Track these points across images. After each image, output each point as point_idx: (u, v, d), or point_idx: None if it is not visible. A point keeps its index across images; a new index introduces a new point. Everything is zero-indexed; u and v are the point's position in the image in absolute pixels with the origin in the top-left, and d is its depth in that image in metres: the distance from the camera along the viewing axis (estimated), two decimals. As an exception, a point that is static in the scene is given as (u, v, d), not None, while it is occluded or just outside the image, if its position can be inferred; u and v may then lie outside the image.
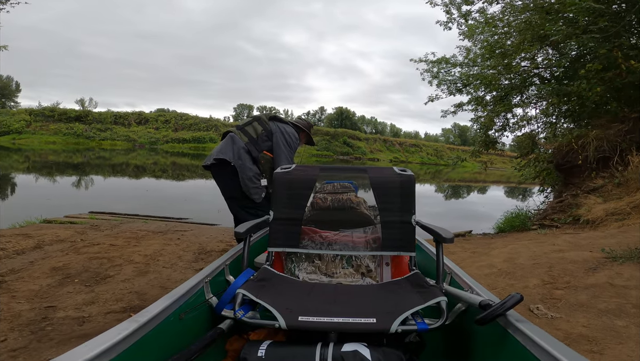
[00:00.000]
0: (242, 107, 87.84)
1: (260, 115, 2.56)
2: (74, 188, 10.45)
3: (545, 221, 5.01)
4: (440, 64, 8.99)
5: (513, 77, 7.59)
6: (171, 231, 4.54)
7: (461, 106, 8.68)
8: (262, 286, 1.29)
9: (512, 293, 1.00)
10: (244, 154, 2.36)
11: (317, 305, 1.17)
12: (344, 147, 46.11)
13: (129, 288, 2.58)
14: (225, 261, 1.46)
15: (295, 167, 1.70)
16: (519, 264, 3.13)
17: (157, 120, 39.79)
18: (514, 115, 7.30)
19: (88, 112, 38.10)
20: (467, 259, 3.63)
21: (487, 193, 20.90)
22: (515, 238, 4.70)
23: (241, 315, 1.14)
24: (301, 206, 1.55)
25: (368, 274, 1.54)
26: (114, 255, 3.28)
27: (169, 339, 1.04)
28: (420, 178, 28.42)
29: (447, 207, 12.69)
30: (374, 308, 1.14)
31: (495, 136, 7.24)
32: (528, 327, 0.91)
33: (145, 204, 7.81)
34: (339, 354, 0.97)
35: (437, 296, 1.15)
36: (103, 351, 0.78)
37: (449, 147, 67.21)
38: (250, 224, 1.53)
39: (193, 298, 1.19)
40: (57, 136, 32.91)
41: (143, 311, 0.98)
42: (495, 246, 4.06)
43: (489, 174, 41.07)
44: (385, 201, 1.53)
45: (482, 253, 3.75)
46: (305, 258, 1.57)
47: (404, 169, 1.65)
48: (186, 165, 21.13)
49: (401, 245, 1.49)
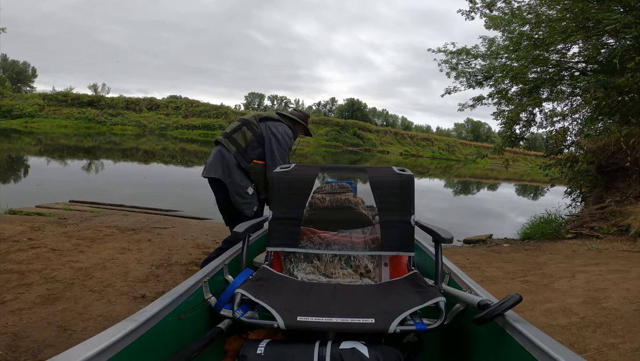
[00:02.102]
0: (253, 95, 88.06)
1: (248, 118, 2.40)
2: (70, 173, 10.25)
3: (582, 229, 4.56)
4: (460, 55, 8.48)
5: (543, 70, 7.13)
6: (147, 229, 4.07)
7: (481, 99, 8.30)
8: (261, 286, 1.29)
9: (511, 294, 0.99)
10: (234, 169, 2.27)
11: (316, 305, 1.17)
12: (354, 138, 45.80)
13: (9, 324, 1.89)
14: (224, 260, 1.46)
15: (295, 166, 1.68)
16: (610, 309, 2.30)
17: (168, 106, 39.94)
18: (542, 110, 6.85)
19: (100, 97, 38.26)
20: (524, 293, 2.67)
21: (499, 190, 20.32)
22: (554, 249, 4.26)
23: (240, 314, 1.14)
24: (300, 206, 1.55)
25: (367, 275, 1.53)
26: (36, 267, 2.65)
27: (168, 338, 1.04)
28: (430, 173, 27.98)
29: (456, 204, 12.26)
30: (372, 308, 1.14)
31: (521, 133, 6.75)
32: (526, 327, 0.91)
33: (139, 192, 7.58)
34: (337, 352, 0.97)
35: (436, 297, 1.15)
36: (101, 350, 0.78)
37: (461, 143, 66.10)
38: (249, 224, 1.52)
39: (192, 297, 1.19)
40: (69, 120, 33.26)
41: (141, 311, 0.97)
42: (554, 272, 3.23)
43: (501, 171, 40.28)
44: (384, 201, 1.53)
45: (541, 285, 2.94)
46: (304, 258, 1.56)
47: (403, 169, 1.65)
48: (195, 152, 21.02)
49: (400, 245, 1.48)
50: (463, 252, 4.57)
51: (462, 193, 17.08)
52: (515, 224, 8.73)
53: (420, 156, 50.13)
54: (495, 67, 7.67)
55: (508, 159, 7.39)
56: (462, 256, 4.21)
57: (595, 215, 4.53)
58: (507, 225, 8.31)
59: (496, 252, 4.47)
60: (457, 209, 10.63)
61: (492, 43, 7.97)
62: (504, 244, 5.04)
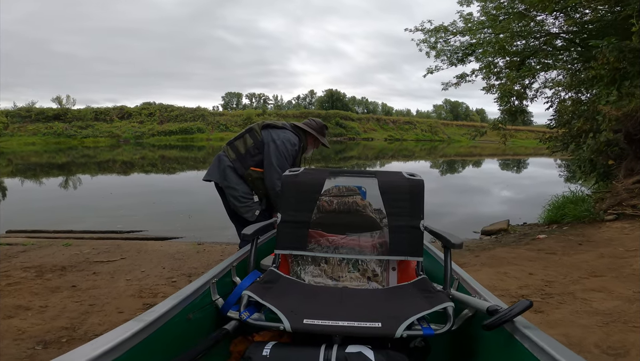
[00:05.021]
0: (230, 95, 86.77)
1: (252, 126, 2.39)
2: (28, 194, 9.26)
3: (624, 208, 4.07)
4: (439, 32, 8.23)
5: (530, 40, 6.84)
6: (83, 265, 3.24)
7: (464, 77, 8.15)
8: (268, 288, 1.30)
9: (521, 300, 0.98)
10: (230, 173, 2.28)
11: (323, 308, 1.18)
12: (337, 128, 45.69)
13: None
14: (232, 262, 1.48)
15: (304, 170, 1.70)
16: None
17: (141, 113, 38.77)
18: (537, 80, 6.55)
19: (67, 110, 36.69)
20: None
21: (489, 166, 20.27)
22: (607, 238, 3.52)
23: (246, 316, 1.14)
24: (309, 209, 1.56)
25: (374, 279, 1.53)
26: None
27: (174, 339, 1.04)
28: (416, 156, 27.91)
29: (451, 185, 11.95)
30: (379, 313, 1.14)
31: (520, 105, 6.41)
32: (536, 333, 0.89)
33: (100, 212, 6.76)
34: (343, 355, 0.96)
35: (444, 302, 1.14)
36: (108, 350, 0.78)
37: (443, 123, 66.86)
38: (258, 226, 1.55)
39: (199, 298, 1.20)
40: (37, 137, 31.80)
41: (149, 311, 0.97)
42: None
43: (484, 148, 40.69)
44: (393, 206, 1.54)
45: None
46: (312, 261, 1.56)
47: (413, 173, 1.65)
48: (175, 157, 20.10)
49: (409, 250, 1.49)
50: (501, 253, 3.64)
51: (452, 172, 16.87)
52: (523, 203, 8.43)
53: (404, 140, 50.27)
54: (481, 41, 7.39)
55: (506, 134, 7.21)
56: (513, 265, 3.19)
57: (633, 191, 4.08)
58: (516, 206, 7.96)
59: (547, 251, 3.58)
60: (454, 191, 10.30)
61: (470, 19, 7.73)
62: (539, 236, 4.25)
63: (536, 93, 6.94)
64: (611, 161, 4.57)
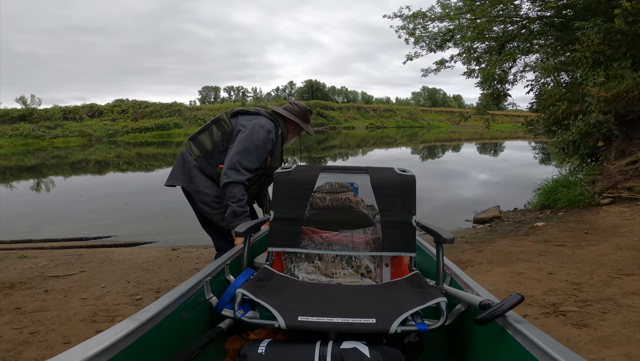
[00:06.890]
0: (207, 89, 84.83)
1: (220, 115, 2.03)
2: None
3: (619, 191, 3.94)
4: (417, 18, 8.09)
5: (507, 25, 6.78)
6: (34, 282, 2.89)
7: (443, 62, 8.14)
8: (262, 286, 1.29)
9: (513, 294, 0.98)
10: (197, 174, 1.94)
11: (317, 305, 1.18)
12: (318, 118, 45.50)
13: None
14: (225, 260, 1.47)
15: (296, 167, 1.69)
16: None
17: (113, 111, 37.22)
18: (516, 65, 6.51)
19: (32, 110, 34.82)
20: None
21: (471, 150, 20.50)
22: (608, 224, 3.23)
23: (241, 314, 1.14)
24: (302, 206, 1.55)
25: (368, 275, 1.53)
26: None
27: (169, 338, 1.04)
28: (398, 143, 28.04)
29: (436, 171, 11.94)
30: (373, 309, 1.14)
31: (502, 88, 6.33)
32: (527, 328, 0.90)
33: (66, 217, 6.27)
34: (338, 351, 0.97)
35: (437, 297, 1.15)
36: (102, 350, 0.78)
37: (422, 110, 67.52)
38: (251, 224, 1.54)
39: (193, 297, 1.19)
40: (3, 139, 29.96)
41: (143, 310, 0.96)
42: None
43: (463, 132, 41.31)
44: (385, 202, 1.55)
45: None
46: (305, 258, 1.56)
47: (404, 169, 1.65)
48: (153, 154, 19.33)
49: (401, 246, 1.50)
50: (505, 247, 3.31)
51: (433, 158, 16.92)
52: (508, 186, 8.47)
53: (385, 127, 50.50)
54: (460, 26, 7.27)
55: (489, 118, 7.18)
56: (525, 262, 2.86)
57: (627, 172, 3.99)
58: (502, 190, 7.97)
59: (555, 243, 3.26)
60: (439, 177, 10.25)
61: (447, 4, 7.67)
62: (537, 223, 4.02)
63: (516, 77, 6.91)
64: (601, 143, 4.50)
